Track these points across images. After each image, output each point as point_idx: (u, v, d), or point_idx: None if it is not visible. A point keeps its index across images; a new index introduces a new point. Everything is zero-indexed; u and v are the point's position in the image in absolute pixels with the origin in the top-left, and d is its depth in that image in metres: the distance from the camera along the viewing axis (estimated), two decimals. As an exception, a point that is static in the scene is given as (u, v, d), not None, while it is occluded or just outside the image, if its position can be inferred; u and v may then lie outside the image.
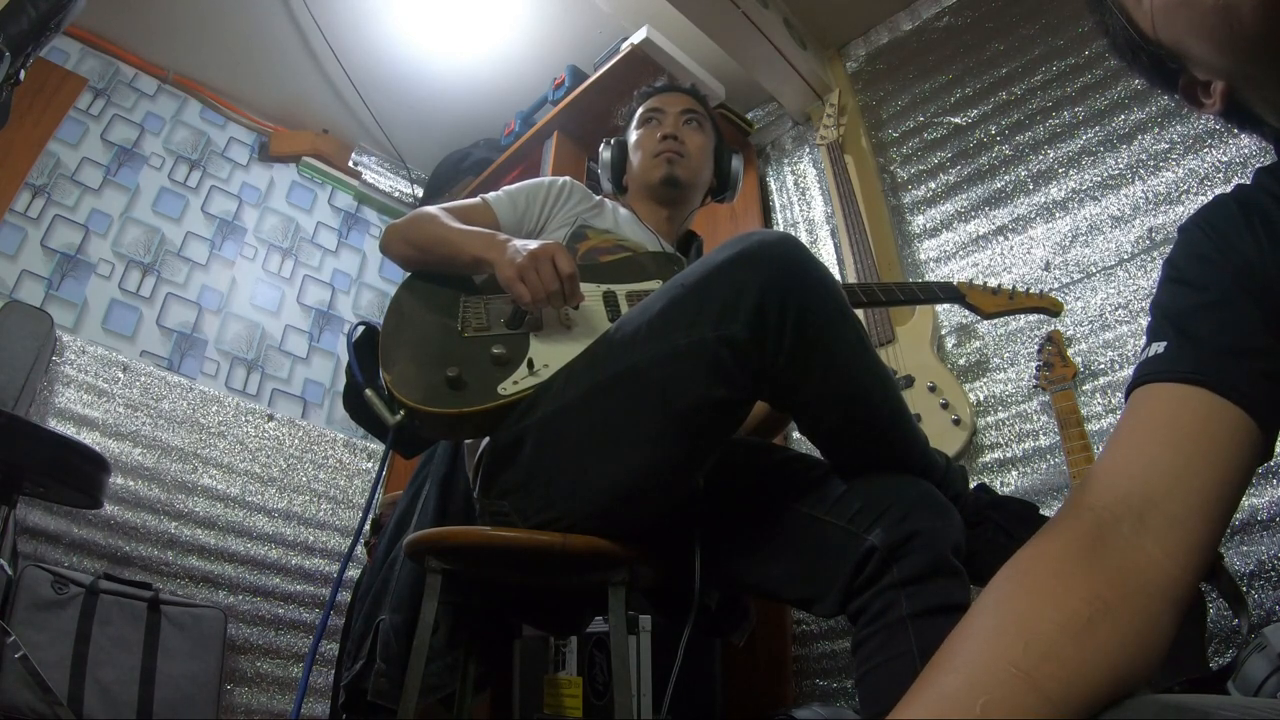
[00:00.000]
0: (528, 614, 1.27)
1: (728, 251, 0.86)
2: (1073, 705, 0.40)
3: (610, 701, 1.27)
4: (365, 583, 1.62)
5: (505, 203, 1.27)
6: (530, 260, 1.00)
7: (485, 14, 2.55)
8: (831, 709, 1.49)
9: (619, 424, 0.88)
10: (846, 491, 0.86)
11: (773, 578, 0.91)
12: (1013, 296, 1.42)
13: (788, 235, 0.87)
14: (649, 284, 1.16)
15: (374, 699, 1.35)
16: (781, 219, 2.44)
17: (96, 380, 2.16)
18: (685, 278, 0.89)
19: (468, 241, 1.10)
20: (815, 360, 0.84)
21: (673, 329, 0.85)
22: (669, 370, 0.85)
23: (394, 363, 1.00)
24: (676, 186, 1.36)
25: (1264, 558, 1.29)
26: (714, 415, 0.86)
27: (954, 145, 2.10)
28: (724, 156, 1.44)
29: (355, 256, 3.06)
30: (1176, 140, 1.70)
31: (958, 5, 2.23)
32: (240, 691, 2.13)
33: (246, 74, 2.77)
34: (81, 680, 1.63)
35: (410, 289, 1.15)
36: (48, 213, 2.31)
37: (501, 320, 1.07)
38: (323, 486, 2.53)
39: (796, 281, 0.83)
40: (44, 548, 1.89)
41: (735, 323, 0.81)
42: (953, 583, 0.77)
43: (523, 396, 0.96)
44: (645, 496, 0.91)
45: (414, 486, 1.59)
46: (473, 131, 2.96)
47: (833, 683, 1.72)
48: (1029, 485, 1.63)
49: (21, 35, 1.23)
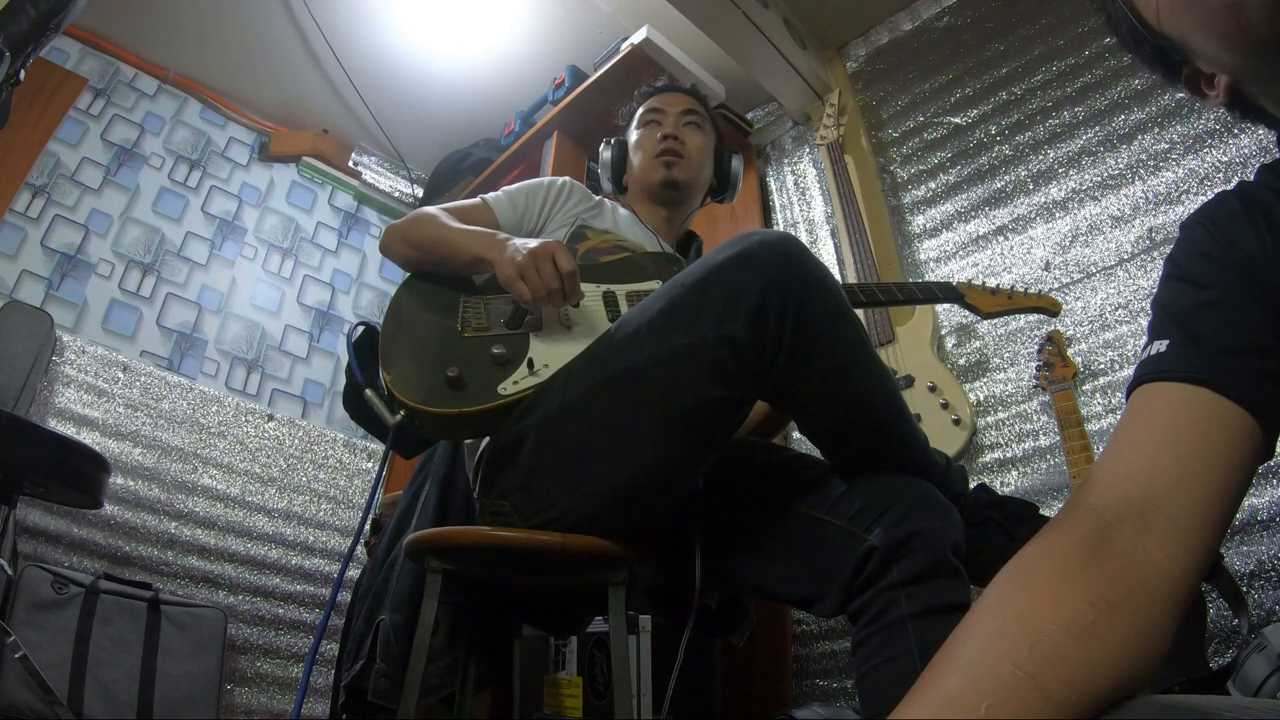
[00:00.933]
0: (528, 614, 1.28)
1: (728, 251, 0.86)
2: (1076, 707, 0.40)
3: (610, 701, 1.27)
4: (365, 583, 1.62)
5: (505, 203, 1.27)
6: (530, 259, 1.00)
7: (485, 14, 2.55)
8: (831, 709, 1.48)
9: (619, 424, 0.88)
10: (846, 492, 0.86)
11: (772, 578, 0.91)
12: (1011, 296, 1.42)
13: (788, 235, 0.87)
14: (648, 284, 1.16)
15: (374, 699, 1.35)
16: (781, 219, 2.44)
17: (96, 380, 2.16)
18: (685, 278, 0.89)
19: (467, 241, 1.10)
20: (815, 360, 0.84)
21: (673, 329, 0.85)
22: (669, 370, 0.85)
23: (394, 363, 1.00)
24: (676, 188, 1.36)
25: (1264, 558, 1.29)
26: (714, 415, 0.86)
27: (954, 145, 2.10)
28: (724, 157, 1.44)
29: (355, 256, 3.06)
30: (1176, 140, 1.70)
31: (958, 5, 2.23)
32: (240, 691, 2.13)
33: (246, 74, 2.77)
34: (81, 680, 1.63)
35: (410, 289, 1.15)
36: (48, 213, 2.31)
37: (501, 320, 1.07)
38: (323, 486, 2.53)
39: (797, 281, 0.83)
40: (44, 548, 1.89)
41: (735, 322, 0.81)
42: (953, 583, 0.77)
43: (523, 396, 0.96)
44: (645, 496, 0.91)
45: (414, 486, 1.58)
46: (473, 131, 2.96)
47: (833, 683, 1.72)
48: (1029, 485, 1.63)
49: (21, 35, 1.23)
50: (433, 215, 1.18)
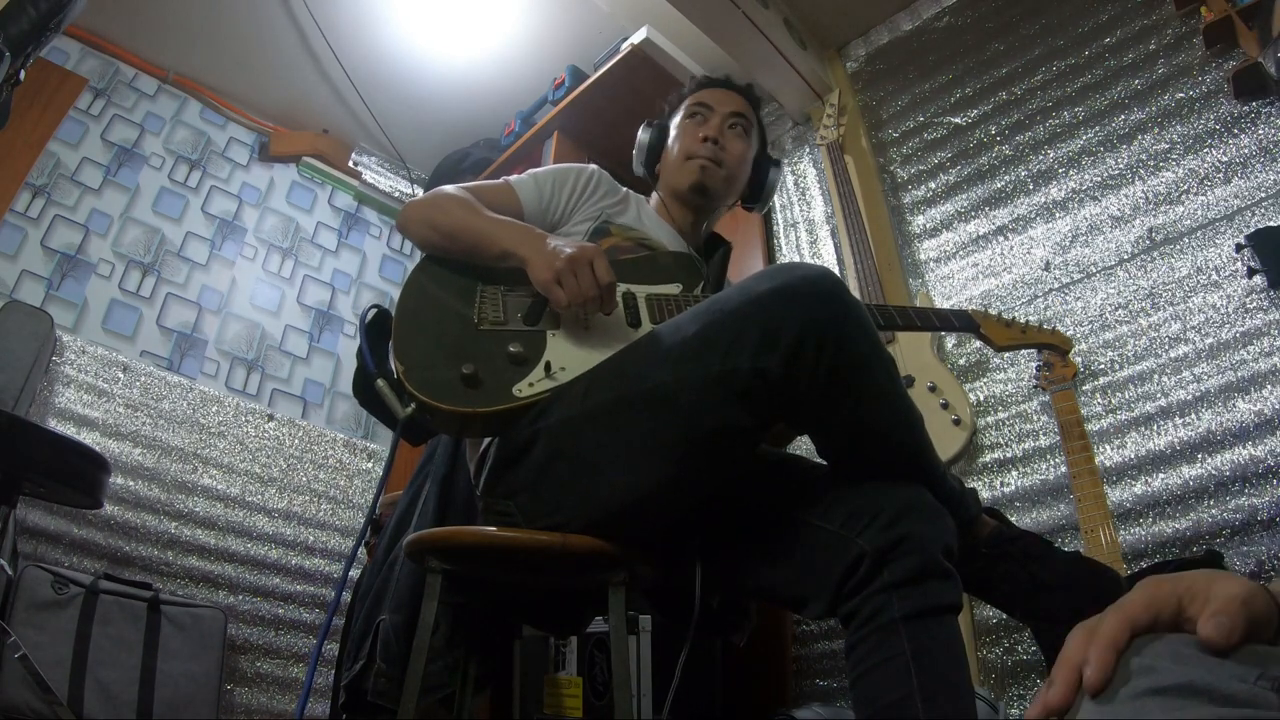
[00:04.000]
0: (528, 614, 1.27)
1: (768, 283, 0.85)
2: None
3: (610, 701, 1.27)
4: (365, 583, 1.62)
5: (531, 188, 1.22)
6: (569, 264, 0.97)
7: (485, 14, 2.55)
8: (831, 709, 1.49)
9: (641, 439, 0.88)
10: (839, 496, 0.86)
11: (767, 581, 0.92)
12: (1025, 330, 1.42)
13: (828, 271, 0.87)
14: (669, 287, 1.14)
15: (374, 699, 1.35)
16: (781, 219, 2.44)
17: (96, 380, 2.16)
18: (724, 303, 0.88)
19: (499, 234, 1.06)
20: (845, 399, 0.84)
21: (708, 354, 0.85)
22: (699, 395, 0.85)
23: (407, 353, 0.98)
24: (705, 195, 1.30)
25: (1264, 558, 1.29)
26: (736, 441, 0.87)
27: (954, 145, 2.10)
28: (764, 167, 1.37)
29: (355, 256, 3.05)
30: (1176, 140, 1.70)
31: (958, 5, 2.23)
32: (240, 691, 2.13)
33: (246, 74, 2.77)
34: (81, 680, 1.63)
35: (426, 271, 1.11)
36: (48, 213, 2.31)
37: (519, 315, 1.04)
38: (323, 486, 2.53)
39: (835, 324, 0.82)
40: (44, 548, 1.89)
41: (772, 357, 0.81)
42: (944, 585, 0.77)
43: (537, 400, 0.95)
44: (654, 510, 0.91)
45: (414, 486, 1.59)
46: (473, 131, 2.96)
47: (833, 683, 1.72)
48: (1029, 485, 1.63)
49: (21, 35, 1.24)
50: (458, 198, 1.13)
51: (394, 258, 3.16)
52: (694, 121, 1.32)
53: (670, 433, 0.86)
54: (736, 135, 1.32)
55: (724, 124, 1.31)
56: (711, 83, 1.38)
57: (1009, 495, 1.65)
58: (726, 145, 1.30)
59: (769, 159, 1.39)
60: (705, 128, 1.30)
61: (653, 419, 0.87)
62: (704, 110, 1.33)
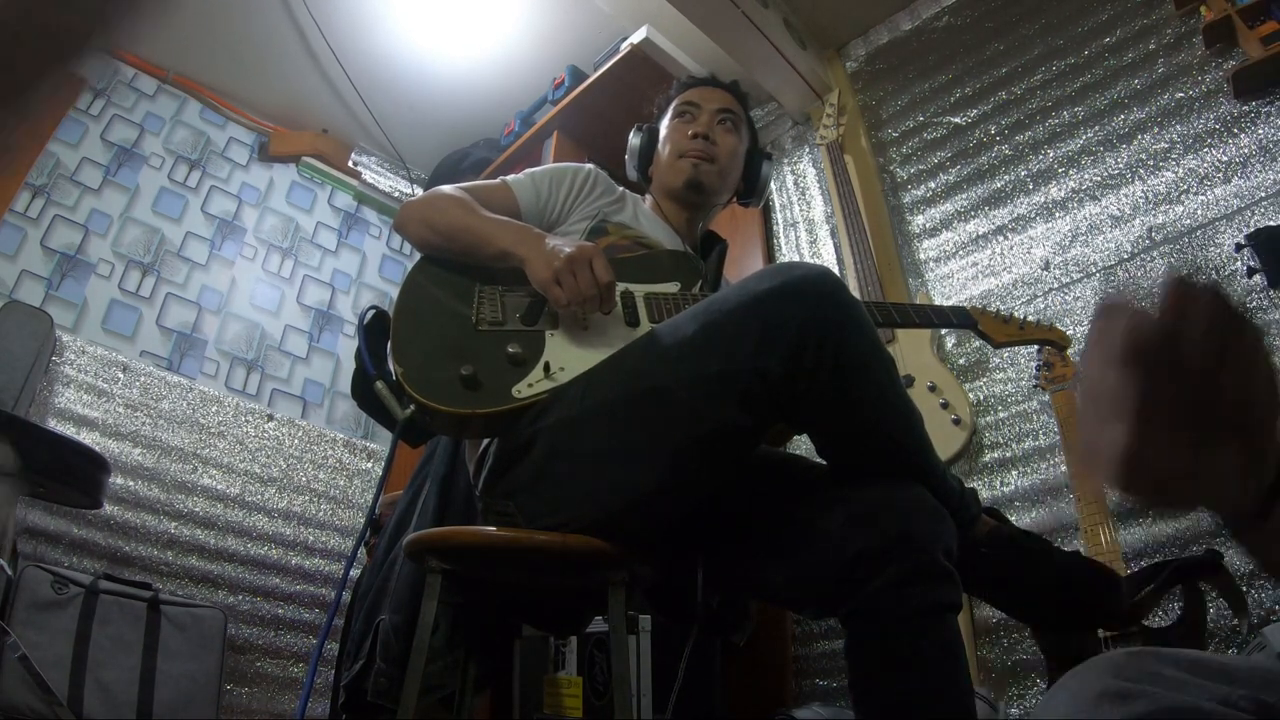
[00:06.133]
0: (528, 614, 1.27)
1: (768, 283, 0.85)
2: None
3: (610, 701, 1.27)
4: (365, 583, 1.62)
5: (528, 187, 1.22)
6: (568, 264, 0.97)
7: (485, 14, 2.55)
8: (831, 709, 1.49)
9: (639, 439, 0.88)
10: (839, 496, 0.86)
11: (766, 581, 0.92)
12: (1023, 327, 1.42)
13: (828, 271, 0.86)
14: (667, 285, 1.14)
15: (374, 699, 1.35)
16: (781, 219, 2.44)
17: (96, 380, 2.16)
18: (723, 303, 0.87)
19: (497, 233, 1.06)
20: (844, 399, 0.84)
21: (707, 354, 0.85)
22: (699, 395, 0.85)
23: (406, 354, 0.98)
24: (700, 191, 1.30)
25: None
26: (736, 441, 0.87)
27: (954, 145, 2.10)
28: (755, 161, 1.39)
29: (355, 256, 3.05)
30: (1176, 140, 1.70)
31: (958, 5, 2.23)
32: (240, 691, 2.13)
33: (246, 74, 2.77)
34: (81, 680, 1.63)
35: (424, 271, 1.11)
36: (48, 213, 2.30)
37: (517, 315, 1.04)
38: (323, 486, 2.53)
39: (835, 323, 0.82)
40: (44, 548, 1.89)
41: (772, 357, 0.81)
42: (944, 584, 0.77)
43: (536, 400, 0.95)
44: (654, 510, 0.91)
45: (414, 486, 1.59)
46: (473, 131, 2.96)
47: (833, 683, 1.72)
48: (1029, 485, 1.63)
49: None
50: (455, 198, 1.13)
51: (394, 258, 3.16)
52: (683, 120, 1.34)
53: (670, 434, 0.86)
54: (726, 130, 1.34)
55: (713, 120, 1.33)
56: (697, 82, 1.40)
57: (1009, 495, 1.65)
58: (717, 140, 1.31)
59: (760, 152, 1.40)
60: (695, 125, 1.32)
61: (652, 419, 0.87)
62: (692, 109, 1.35)
